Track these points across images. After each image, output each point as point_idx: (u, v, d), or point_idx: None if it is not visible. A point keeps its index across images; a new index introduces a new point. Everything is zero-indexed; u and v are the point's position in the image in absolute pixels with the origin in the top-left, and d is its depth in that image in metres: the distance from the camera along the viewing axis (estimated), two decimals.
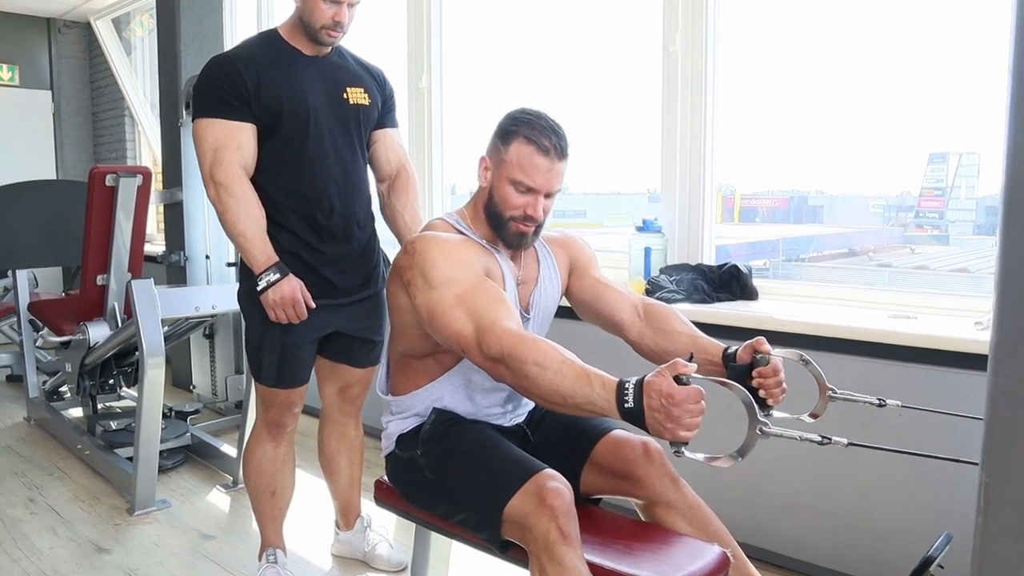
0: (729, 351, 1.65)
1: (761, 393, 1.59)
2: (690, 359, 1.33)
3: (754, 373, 1.59)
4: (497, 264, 1.71)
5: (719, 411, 1.64)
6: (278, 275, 2.08)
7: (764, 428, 1.28)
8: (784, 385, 1.60)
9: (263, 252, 2.09)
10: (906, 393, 2.18)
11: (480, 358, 1.50)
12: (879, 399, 1.57)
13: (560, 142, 1.65)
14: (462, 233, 1.73)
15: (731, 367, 1.63)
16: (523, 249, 1.77)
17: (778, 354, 1.61)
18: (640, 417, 1.30)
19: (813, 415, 1.64)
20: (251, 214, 2.08)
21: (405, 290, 1.63)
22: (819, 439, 1.28)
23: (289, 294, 2.09)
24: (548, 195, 1.69)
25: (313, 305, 2.15)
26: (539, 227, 1.72)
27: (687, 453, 1.31)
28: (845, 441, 1.28)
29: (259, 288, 2.08)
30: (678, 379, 1.28)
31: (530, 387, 1.42)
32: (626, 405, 1.31)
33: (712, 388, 1.34)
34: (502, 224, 1.69)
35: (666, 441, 1.33)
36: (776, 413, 1.62)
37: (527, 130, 1.64)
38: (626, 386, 1.32)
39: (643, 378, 1.32)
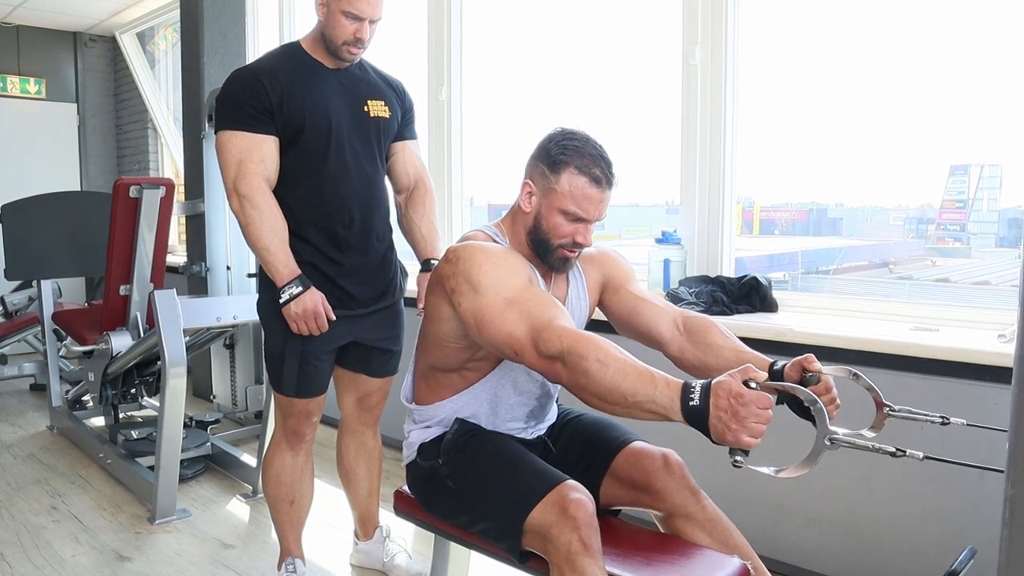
0: (776, 366, 1.59)
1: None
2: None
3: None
4: (536, 277, 1.70)
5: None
6: (300, 288, 2.10)
7: (833, 437, 1.25)
8: (838, 402, 1.55)
9: (286, 265, 2.11)
10: (928, 406, 2.16)
11: (535, 358, 1.46)
12: (942, 417, 1.48)
13: (610, 170, 1.63)
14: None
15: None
16: (566, 272, 1.76)
17: (828, 371, 1.56)
18: (704, 417, 1.26)
19: (873, 430, 1.57)
20: (274, 227, 2.10)
21: (448, 299, 1.61)
22: (893, 450, 1.25)
23: (311, 307, 2.11)
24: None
25: (334, 318, 2.16)
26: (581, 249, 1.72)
27: (747, 464, 1.27)
28: (921, 455, 1.24)
29: (282, 301, 2.10)
30: (746, 384, 1.26)
31: (589, 384, 1.37)
32: (691, 403, 1.27)
33: None
34: (549, 251, 1.68)
35: (686, 457, 1.32)
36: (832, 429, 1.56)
37: (578, 160, 1.62)
38: (692, 385, 1.29)
39: (711, 380, 1.29)
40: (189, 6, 4.69)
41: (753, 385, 1.26)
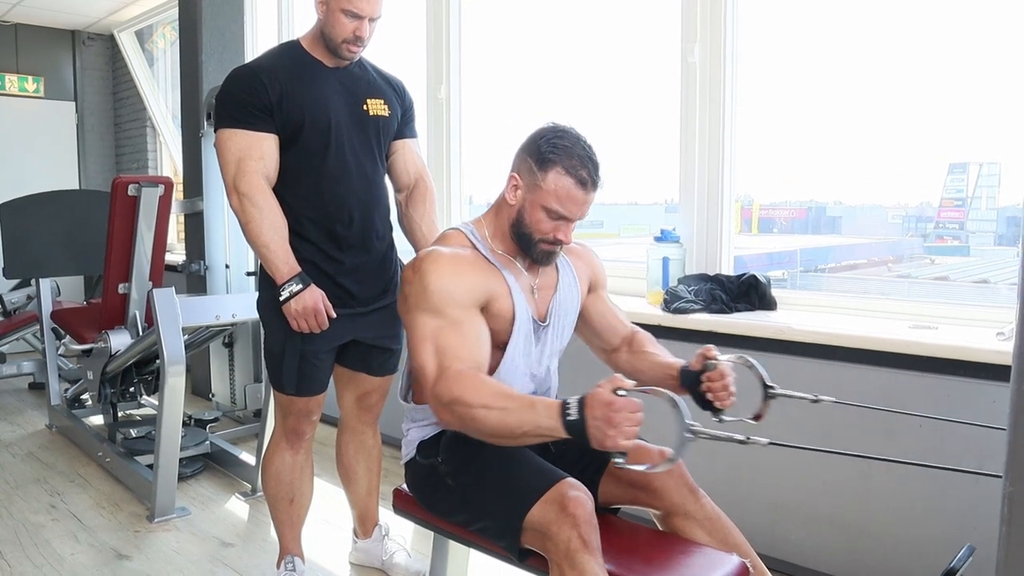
0: (685, 364, 1.76)
1: (709, 396, 1.69)
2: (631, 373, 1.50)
3: (703, 378, 1.69)
4: (503, 283, 1.71)
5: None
6: (300, 285, 2.10)
7: (692, 428, 1.36)
8: (731, 389, 1.68)
9: (286, 263, 2.11)
10: (927, 403, 2.18)
11: (432, 400, 1.56)
12: (814, 396, 1.64)
13: (596, 172, 1.66)
14: (475, 246, 1.74)
15: (683, 373, 1.74)
16: (550, 264, 1.79)
17: (724, 359, 1.70)
18: (583, 427, 1.38)
19: (756, 416, 1.70)
20: (274, 225, 2.10)
21: (404, 303, 1.68)
22: (741, 439, 1.37)
23: (311, 304, 2.11)
24: None
25: (334, 315, 2.16)
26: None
27: (626, 464, 1.40)
28: (765, 440, 1.37)
29: (282, 298, 2.10)
30: (616, 392, 1.38)
31: (480, 428, 1.50)
32: (569, 418, 1.40)
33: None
34: (531, 245, 1.71)
35: (684, 455, 1.35)
36: (727, 416, 1.71)
37: (566, 160, 1.64)
38: (569, 402, 1.42)
39: (584, 394, 1.41)
40: (187, 4, 4.68)
41: (622, 392, 1.38)
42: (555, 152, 1.64)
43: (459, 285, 1.63)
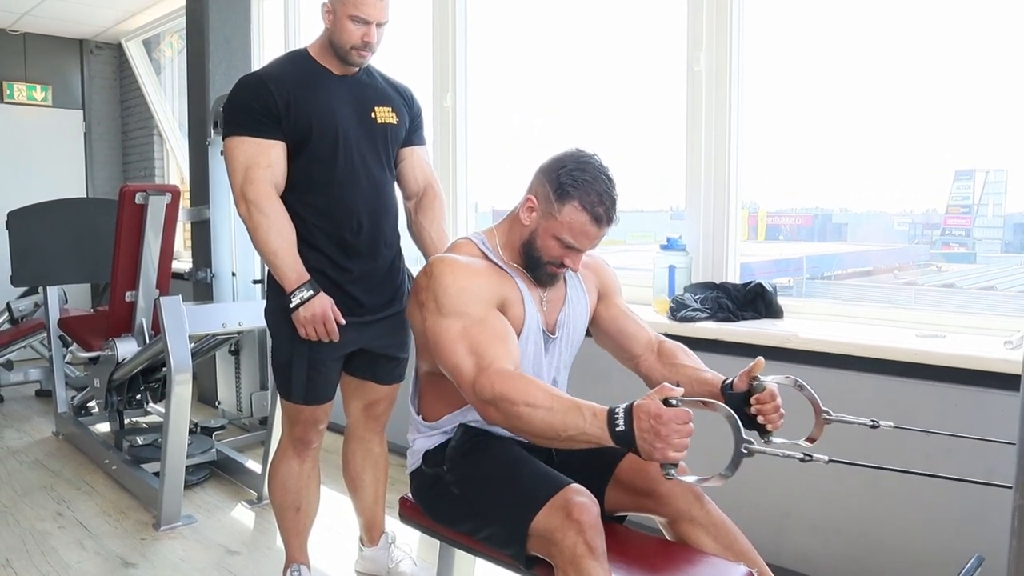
0: (727, 381, 1.69)
1: (760, 419, 1.63)
2: (677, 385, 1.38)
3: (752, 400, 1.62)
4: (516, 289, 1.71)
5: (707, 436, 1.64)
6: (310, 292, 2.10)
7: (749, 446, 1.32)
8: (782, 410, 1.63)
9: (294, 270, 2.11)
10: (934, 413, 2.17)
11: (473, 398, 1.53)
12: (873, 421, 1.59)
13: (613, 208, 1.65)
14: (486, 256, 1.74)
15: (728, 395, 1.65)
16: (553, 284, 1.79)
17: (773, 380, 1.64)
18: (631, 439, 1.35)
19: (810, 439, 1.66)
20: (282, 232, 2.10)
21: (420, 311, 1.66)
22: (800, 456, 1.32)
23: (320, 312, 2.11)
24: None
25: (343, 322, 2.17)
26: None
27: (677, 476, 1.36)
28: (826, 458, 1.31)
29: (292, 305, 2.11)
30: (666, 402, 1.33)
31: (523, 427, 1.46)
32: (617, 429, 1.36)
33: (703, 418, 1.37)
34: (538, 267, 1.72)
35: (690, 462, 1.34)
36: (775, 439, 1.65)
37: (584, 195, 1.62)
38: (616, 411, 1.37)
39: (633, 402, 1.37)
40: (194, 13, 4.71)
41: (673, 402, 1.33)
42: (575, 185, 1.63)
43: (477, 285, 1.63)
